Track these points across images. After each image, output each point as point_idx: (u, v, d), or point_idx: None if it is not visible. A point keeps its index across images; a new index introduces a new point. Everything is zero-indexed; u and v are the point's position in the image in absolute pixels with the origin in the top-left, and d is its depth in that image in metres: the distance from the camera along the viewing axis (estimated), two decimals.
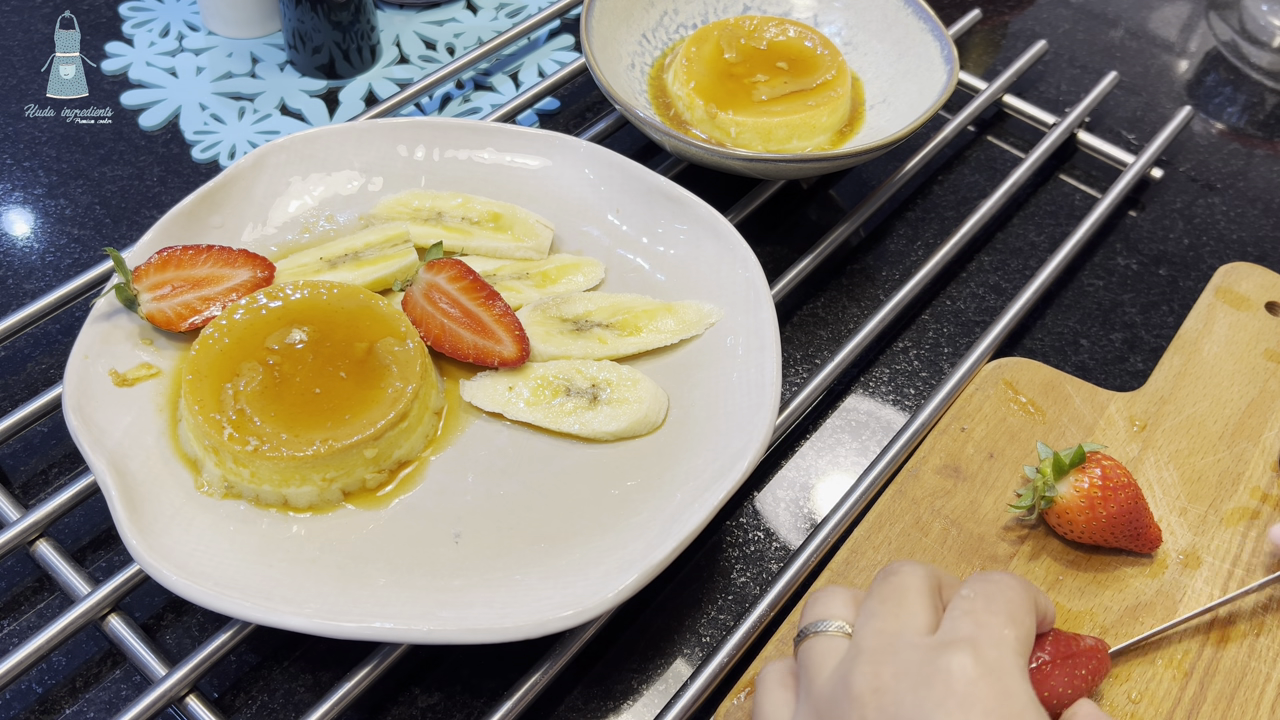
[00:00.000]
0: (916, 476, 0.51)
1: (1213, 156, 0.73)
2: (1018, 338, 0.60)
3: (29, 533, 0.47)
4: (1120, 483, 0.46)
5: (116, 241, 0.62)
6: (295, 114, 0.70)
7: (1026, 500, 0.48)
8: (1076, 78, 0.77)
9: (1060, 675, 0.39)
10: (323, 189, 0.57)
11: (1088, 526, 0.46)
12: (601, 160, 0.58)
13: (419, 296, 0.52)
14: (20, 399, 0.54)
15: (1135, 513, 0.46)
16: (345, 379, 0.47)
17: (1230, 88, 0.79)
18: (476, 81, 0.73)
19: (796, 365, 0.58)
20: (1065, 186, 0.69)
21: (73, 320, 0.57)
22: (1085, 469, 0.46)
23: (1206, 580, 0.48)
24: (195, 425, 0.46)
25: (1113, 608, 0.46)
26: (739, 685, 0.44)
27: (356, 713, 0.45)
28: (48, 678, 0.45)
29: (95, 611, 0.45)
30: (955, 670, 0.33)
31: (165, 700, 0.42)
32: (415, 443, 0.48)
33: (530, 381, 0.50)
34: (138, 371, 0.49)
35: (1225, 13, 0.86)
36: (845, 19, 0.70)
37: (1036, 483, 0.47)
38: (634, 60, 0.68)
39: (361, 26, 0.71)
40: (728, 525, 0.51)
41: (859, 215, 0.63)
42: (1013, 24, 0.82)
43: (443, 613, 0.41)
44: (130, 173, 0.66)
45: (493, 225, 0.57)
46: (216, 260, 0.51)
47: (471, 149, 0.59)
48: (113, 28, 0.75)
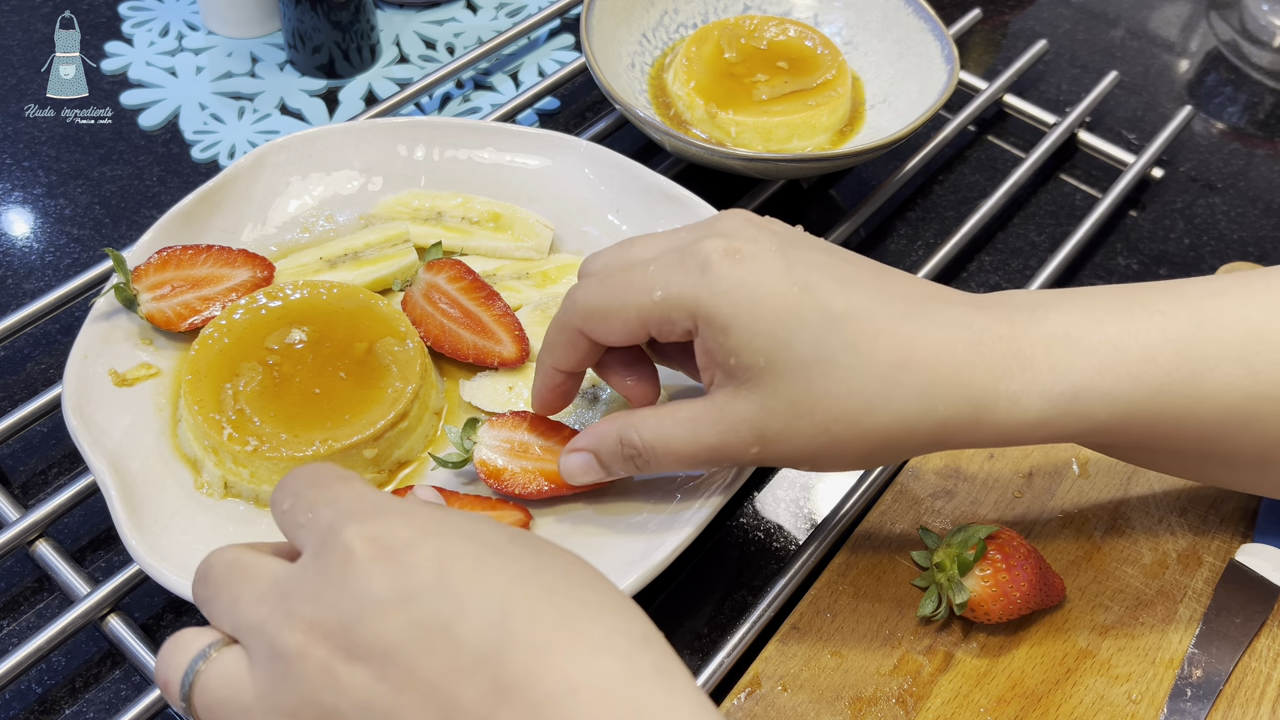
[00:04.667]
0: (916, 476, 0.51)
1: (1213, 156, 0.73)
2: None
3: (29, 533, 0.47)
4: (1022, 555, 0.44)
5: (116, 241, 0.62)
6: (295, 114, 0.70)
7: (930, 604, 0.45)
8: (1077, 77, 0.77)
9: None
10: (322, 189, 0.57)
11: (1005, 610, 0.44)
12: (601, 160, 0.58)
13: (419, 296, 0.51)
14: (20, 399, 0.54)
15: (1041, 577, 0.44)
16: (345, 379, 0.47)
17: (1231, 87, 0.79)
18: (476, 81, 0.73)
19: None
20: (1066, 186, 0.69)
21: (72, 320, 0.57)
22: (986, 554, 0.44)
23: (1206, 580, 0.47)
24: (195, 425, 0.46)
25: (1113, 608, 0.46)
26: (739, 685, 0.44)
27: None
28: (47, 678, 0.45)
29: (95, 612, 0.45)
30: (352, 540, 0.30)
31: (165, 701, 0.42)
32: (415, 443, 0.48)
33: (530, 381, 0.50)
34: (137, 371, 0.49)
35: (1226, 12, 0.85)
36: (845, 18, 0.70)
37: (939, 579, 0.45)
38: (634, 60, 0.68)
39: (361, 26, 0.71)
40: (728, 525, 0.51)
41: (859, 215, 0.63)
42: (1013, 24, 0.82)
43: None
44: (130, 172, 0.66)
45: (493, 225, 0.57)
46: (216, 260, 0.51)
47: (471, 149, 0.59)
48: (112, 27, 0.75)
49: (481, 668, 0.28)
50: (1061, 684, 0.44)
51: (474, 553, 0.30)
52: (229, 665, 0.31)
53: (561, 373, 0.44)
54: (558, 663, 0.28)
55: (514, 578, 0.29)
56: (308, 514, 0.32)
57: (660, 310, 0.39)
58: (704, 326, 0.38)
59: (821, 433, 0.38)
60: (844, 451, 0.39)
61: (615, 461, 0.42)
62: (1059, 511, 0.50)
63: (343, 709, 0.28)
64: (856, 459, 0.40)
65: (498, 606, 0.29)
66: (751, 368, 0.38)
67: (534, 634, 0.28)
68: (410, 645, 0.28)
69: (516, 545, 0.31)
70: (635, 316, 0.40)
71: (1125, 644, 0.45)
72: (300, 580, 0.30)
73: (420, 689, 0.28)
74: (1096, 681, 0.44)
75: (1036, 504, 0.50)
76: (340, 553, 0.30)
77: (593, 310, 0.41)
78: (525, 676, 0.28)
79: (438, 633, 0.28)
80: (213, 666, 0.31)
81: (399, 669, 0.28)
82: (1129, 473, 0.51)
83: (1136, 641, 0.45)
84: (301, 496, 0.32)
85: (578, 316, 0.41)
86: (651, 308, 0.39)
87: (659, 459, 0.40)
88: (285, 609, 0.30)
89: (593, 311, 0.41)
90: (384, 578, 0.29)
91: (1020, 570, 0.44)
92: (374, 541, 0.29)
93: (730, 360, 0.38)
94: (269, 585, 0.31)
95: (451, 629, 0.28)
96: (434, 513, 0.31)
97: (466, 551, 0.30)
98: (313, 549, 0.31)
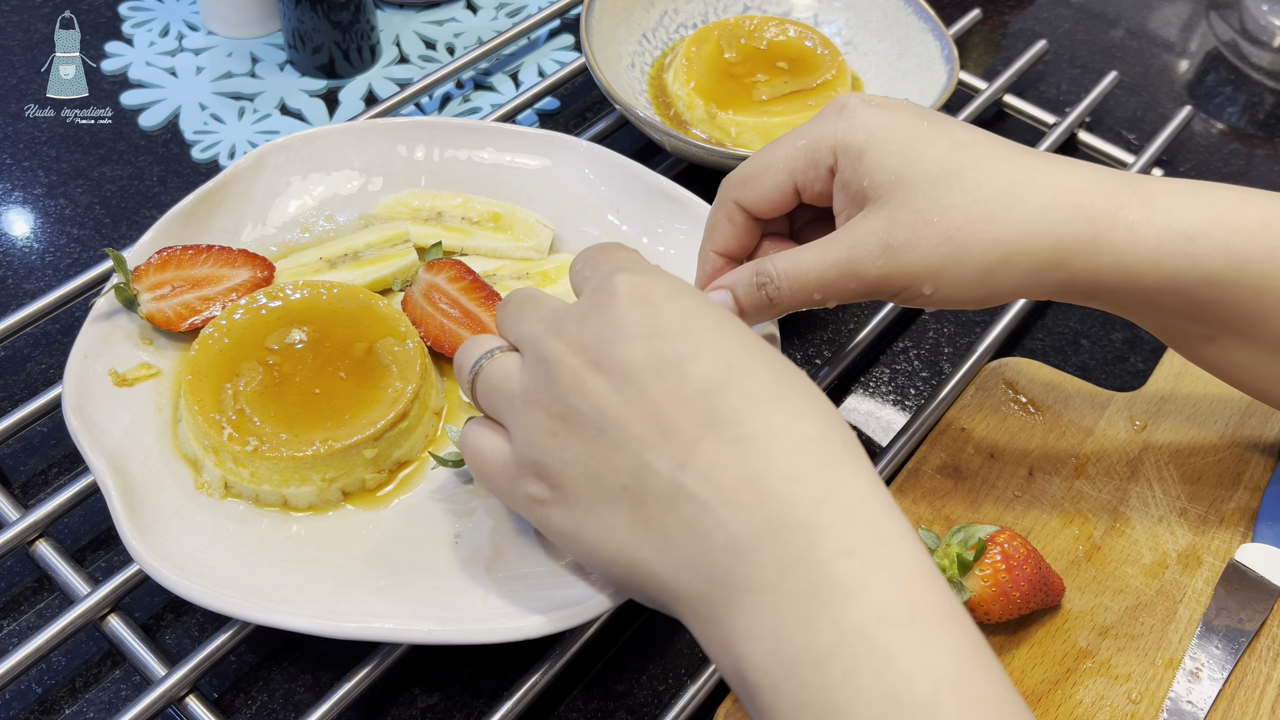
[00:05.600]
0: (916, 476, 0.51)
1: (1213, 156, 0.73)
2: (1018, 338, 0.60)
3: (29, 533, 0.47)
4: (1022, 556, 0.44)
5: (116, 241, 0.62)
6: (295, 114, 0.70)
7: None
8: (1077, 78, 0.77)
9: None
10: (322, 189, 0.57)
11: (1004, 610, 0.44)
12: (601, 160, 0.58)
13: (419, 296, 0.51)
14: (20, 399, 0.54)
15: (1041, 577, 0.45)
16: (345, 379, 0.47)
17: (1230, 88, 0.79)
18: (476, 81, 0.73)
19: (797, 365, 0.58)
20: None
21: (72, 320, 0.57)
22: (986, 554, 0.44)
23: (1206, 580, 0.47)
24: (195, 425, 0.46)
25: (1113, 608, 0.46)
26: None
27: (356, 713, 0.45)
28: (47, 678, 0.45)
29: (95, 612, 0.45)
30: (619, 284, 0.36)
31: (165, 700, 0.42)
32: (415, 443, 0.48)
33: None
34: (137, 371, 0.49)
35: (1225, 12, 0.85)
36: (845, 19, 0.70)
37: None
38: (634, 60, 0.68)
39: (361, 26, 0.71)
40: None
41: None
42: (1013, 24, 0.82)
43: (443, 613, 0.41)
44: (130, 172, 0.66)
45: (493, 225, 0.57)
46: (216, 260, 0.51)
47: (471, 149, 0.59)
48: (112, 28, 0.75)
49: (700, 400, 0.33)
50: (1061, 684, 0.44)
51: (715, 317, 0.35)
52: (506, 363, 0.38)
53: (721, 256, 0.46)
54: (764, 412, 0.33)
55: (742, 343, 0.35)
56: (593, 268, 0.38)
57: (805, 154, 0.43)
58: (842, 157, 0.42)
59: (945, 240, 0.41)
60: (966, 264, 0.41)
61: (749, 295, 0.44)
62: (1059, 511, 0.50)
63: (583, 410, 0.34)
64: (978, 275, 0.41)
65: (725, 358, 0.34)
66: (883, 185, 0.41)
67: (749, 386, 0.34)
68: (647, 370, 0.34)
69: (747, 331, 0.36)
70: (783, 168, 0.43)
71: (1125, 644, 0.45)
72: (573, 310, 0.37)
73: (646, 405, 0.34)
74: (1096, 681, 0.44)
75: (1036, 504, 0.50)
76: (608, 291, 0.36)
77: (745, 176, 0.44)
78: (734, 415, 0.33)
79: (672, 365, 0.34)
80: (494, 362, 0.39)
81: (633, 386, 0.34)
82: (1129, 473, 0.51)
83: (1136, 641, 0.45)
84: (590, 259, 0.39)
85: (732, 188, 0.45)
86: (796, 154, 0.43)
87: (789, 282, 0.43)
88: (557, 327, 0.36)
89: (745, 177, 0.44)
90: (638, 315, 0.35)
91: (1020, 570, 0.44)
92: (636, 287, 0.35)
93: (864, 182, 0.42)
94: (549, 311, 0.38)
95: (683, 365, 0.34)
96: (693, 290, 0.37)
97: (709, 315, 0.35)
98: (589, 290, 0.37)
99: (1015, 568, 0.44)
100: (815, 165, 0.43)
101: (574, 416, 0.35)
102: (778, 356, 0.36)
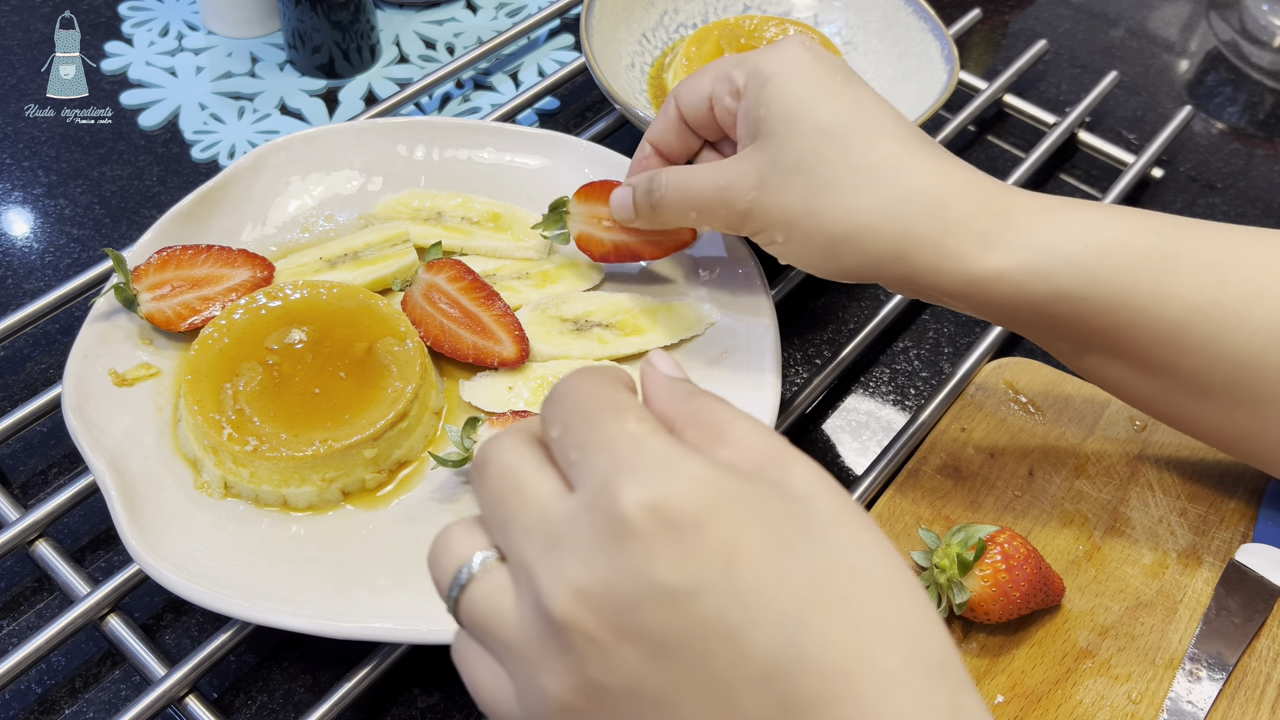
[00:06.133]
0: (916, 476, 0.51)
1: (1213, 156, 0.73)
2: (1018, 338, 0.60)
3: (28, 533, 0.47)
4: (1022, 556, 0.44)
5: (116, 241, 0.62)
6: (295, 113, 0.70)
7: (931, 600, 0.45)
8: (1077, 77, 0.77)
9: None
10: (322, 189, 0.57)
11: (1004, 610, 0.44)
12: (601, 160, 0.58)
13: (419, 296, 0.51)
14: (20, 399, 0.54)
15: (1041, 577, 0.45)
16: (345, 379, 0.47)
17: (1230, 87, 0.79)
18: (476, 81, 0.73)
19: (796, 365, 0.58)
20: (1066, 186, 0.69)
21: (72, 320, 0.57)
22: (986, 554, 0.44)
23: (1206, 580, 0.47)
24: (195, 425, 0.46)
25: (1113, 608, 0.46)
26: None
27: (356, 713, 0.45)
28: (47, 678, 0.45)
29: (95, 612, 0.45)
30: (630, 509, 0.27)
31: (165, 700, 0.42)
32: (415, 443, 0.48)
33: (530, 381, 0.50)
34: (137, 371, 0.49)
35: (1225, 12, 0.85)
36: (845, 19, 0.70)
37: (939, 579, 0.45)
38: (634, 60, 0.68)
39: (361, 26, 0.71)
40: None
41: None
42: (1013, 24, 0.82)
43: (442, 613, 0.40)
44: (130, 172, 0.66)
45: (492, 225, 0.57)
46: (216, 260, 0.51)
47: (471, 148, 0.59)
48: (112, 27, 0.75)
49: (769, 684, 0.26)
50: (1061, 684, 0.44)
51: (765, 546, 0.27)
52: (494, 595, 0.29)
53: (654, 148, 0.49)
54: (851, 693, 0.26)
55: (807, 585, 0.27)
56: (578, 452, 0.29)
57: (728, 67, 0.45)
58: (751, 80, 0.44)
59: (809, 192, 0.42)
60: (816, 226, 0.42)
61: (642, 197, 0.47)
62: (1059, 511, 0.50)
63: (609, 684, 0.27)
64: (827, 242, 0.42)
65: (791, 622, 0.26)
66: (777, 118, 0.43)
67: (827, 659, 0.26)
68: (691, 644, 0.26)
69: (808, 536, 0.28)
70: (710, 76, 0.46)
71: (1125, 644, 0.45)
72: (572, 530, 0.28)
73: (700, 687, 0.27)
74: (1096, 681, 0.44)
75: (1036, 504, 0.50)
76: (617, 519, 0.27)
77: (684, 84, 0.48)
78: (816, 702, 0.26)
79: (723, 636, 0.26)
80: (479, 587, 0.30)
81: (676, 664, 0.27)
82: (1129, 473, 0.51)
83: (1136, 641, 0.45)
84: (572, 429, 0.29)
85: (676, 86, 0.49)
86: (723, 66, 0.46)
87: (673, 193, 0.46)
88: (554, 562, 0.28)
89: (684, 83, 0.48)
90: (667, 563, 0.26)
91: (1020, 570, 0.44)
92: (655, 514, 0.26)
93: (760, 111, 0.43)
94: (537, 518, 0.29)
95: (738, 637, 0.26)
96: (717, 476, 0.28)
97: (758, 545, 0.27)
98: (586, 498, 0.28)
99: (1015, 568, 0.44)
100: (730, 80, 0.45)
101: (599, 695, 0.27)
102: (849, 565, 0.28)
